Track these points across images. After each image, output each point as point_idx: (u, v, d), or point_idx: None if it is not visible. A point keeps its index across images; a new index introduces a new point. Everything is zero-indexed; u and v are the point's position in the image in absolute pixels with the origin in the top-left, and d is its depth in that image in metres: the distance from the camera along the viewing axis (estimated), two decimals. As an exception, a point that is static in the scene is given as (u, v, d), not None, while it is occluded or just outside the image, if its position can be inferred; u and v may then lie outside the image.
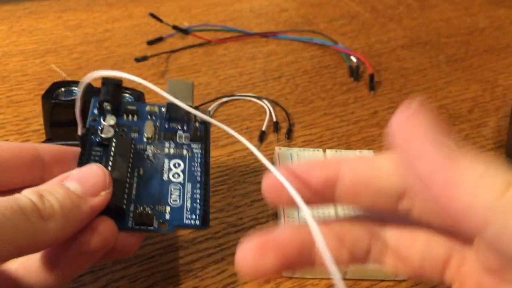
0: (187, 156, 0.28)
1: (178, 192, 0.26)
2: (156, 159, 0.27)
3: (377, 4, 0.62)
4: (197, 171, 0.27)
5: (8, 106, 0.41)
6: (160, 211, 0.25)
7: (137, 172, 0.26)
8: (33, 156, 0.25)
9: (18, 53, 0.47)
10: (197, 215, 0.26)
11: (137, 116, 0.29)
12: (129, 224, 0.25)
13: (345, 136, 0.41)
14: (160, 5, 0.58)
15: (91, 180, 0.23)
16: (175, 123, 0.29)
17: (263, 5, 0.60)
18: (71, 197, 0.22)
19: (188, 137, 0.28)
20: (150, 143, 0.28)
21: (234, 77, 0.46)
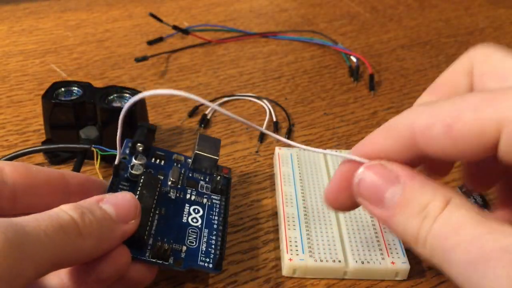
0: (206, 204, 0.30)
1: (195, 235, 0.28)
2: (178, 202, 0.29)
3: (377, 4, 0.62)
4: (214, 219, 0.29)
5: (8, 106, 0.41)
6: (176, 249, 0.27)
7: (159, 211, 0.28)
8: (61, 184, 0.25)
9: (18, 53, 0.47)
10: (211, 259, 0.27)
11: (165, 161, 0.31)
12: (147, 255, 0.26)
13: (345, 136, 0.41)
14: (160, 5, 0.58)
15: (125, 207, 0.24)
16: (199, 174, 0.32)
17: (263, 5, 0.60)
18: (107, 219, 0.23)
19: (209, 188, 0.31)
20: (174, 187, 0.30)
21: (234, 77, 0.46)
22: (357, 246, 0.30)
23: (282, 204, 0.32)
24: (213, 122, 0.41)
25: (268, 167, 0.37)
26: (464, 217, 0.19)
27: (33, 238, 0.19)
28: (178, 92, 0.21)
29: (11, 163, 0.24)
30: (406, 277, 0.30)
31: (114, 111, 0.35)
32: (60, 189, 0.25)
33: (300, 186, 0.34)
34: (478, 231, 0.18)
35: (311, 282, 0.29)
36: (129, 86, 0.37)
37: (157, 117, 0.41)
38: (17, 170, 0.24)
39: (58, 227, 0.21)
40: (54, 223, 0.21)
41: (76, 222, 0.21)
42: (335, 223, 0.31)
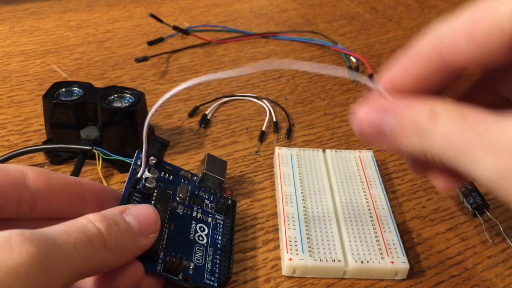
0: (211, 223, 0.30)
1: (201, 253, 0.29)
2: (185, 219, 0.30)
3: (376, 5, 0.62)
4: (218, 239, 0.30)
5: (9, 106, 0.41)
6: (185, 266, 0.27)
7: (169, 226, 0.29)
8: (78, 192, 0.26)
9: (19, 54, 0.48)
10: (215, 278, 0.28)
11: (173, 176, 0.32)
12: (158, 269, 0.26)
13: (345, 136, 0.41)
14: (161, 6, 0.58)
15: (147, 221, 0.24)
16: (204, 193, 0.32)
17: (263, 5, 0.60)
18: (130, 232, 0.23)
19: (213, 208, 0.31)
20: (182, 203, 0.30)
21: (234, 77, 0.47)
22: (357, 245, 0.30)
23: (282, 204, 0.32)
24: (213, 122, 0.41)
25: (268, 167, 0.37)
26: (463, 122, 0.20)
27: (64, 251, 0.20)
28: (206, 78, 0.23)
29: (33, 168, 0.24)
30: (405, 276, 0.30)
31: (114, 111, 0.35)
32: (77, 196, 0.25)
33: (300, 186, 0.34)
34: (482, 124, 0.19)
35: (311, 282, 0.30)
36: (130, 86, 0.37)
37: (158, 117, 0.41)
38: (39, 175, 0.24)
39: (87, 240, 0.21)
40: (82, 236, 0.21)
41: (103, 235, 0.22)
42: (335, 223, 0.31)
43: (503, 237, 0.33)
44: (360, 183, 0.35)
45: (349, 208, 0.33)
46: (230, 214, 0.32)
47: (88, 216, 0.22)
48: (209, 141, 0.39)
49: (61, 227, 0.21)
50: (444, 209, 0.35)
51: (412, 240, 0.33)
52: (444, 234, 0.33)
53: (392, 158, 0.39)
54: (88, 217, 0.22)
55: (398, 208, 0.35)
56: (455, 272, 0.31)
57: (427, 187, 0.37)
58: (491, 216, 0.34)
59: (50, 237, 0.20)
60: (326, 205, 0.33)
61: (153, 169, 0.30)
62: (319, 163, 0.36)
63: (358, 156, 0.37)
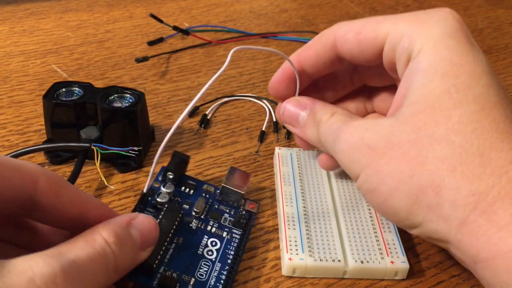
0: (225, 238, 0.30)
1: (207, 268, 0.28)
2: (197, 233, 0.30)
3: (376, 5, 0.62)
4: (230, 253, 0.29)
5: (9, 106, 0.41)
6: (184, 281, 0.27)
7: (177, 240, 0.29)
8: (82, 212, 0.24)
9: (19, 54, 0.48)
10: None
11: (194, 191, 0.32)
12: (154, 283, 0.26)
13: (345, 136, 0.41)
14: (161, 6, 0.58)
15: (148, 235, 0.25)
16: (225, 206, 0.32)
17: (263, 6, 0.60)
18: (134, 250, 0.24)
19: (232, 222, 0.31)
20: (197, 217, 0.31)
21: (234, 78, 0.47)
22: (357, 245, 0.30)
23: (282, 204, 0.32)
24: (213, 122, 0.41)
25: (268, 167, 0.37)
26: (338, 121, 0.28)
27: (83, 270, 0.20)
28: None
29: (48, 174, 0.23)
30: (405, 276, 0.30)
31: (114, 111, 0.35)
32: (79, 216, 0.24)
33: (300, 186, 0.34)
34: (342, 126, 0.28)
35: (311, 282, 0.30)
36: (130, 87, 0.37)
37: (158, 117, 0.41)
38: (51, 186, 0.23)
39: (105, 267, 0.22)
40: (102, 263, 0.21)
41: (116, 259, 0.22)
42: (335, 222, 0.32)
43: (503, 237, 0.33)
44: (360, 183, 0.35)
45: (349, 208, 0.33)
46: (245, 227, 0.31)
47: (103, 234, 0.22)
48: (209, 141, 0.39)
49: (86, 253, 0.21)
50: (444, 209, 0.35)
51: (412, 240, 0.33)
52: (444, 234, 0.33)
53: (392, 158, 0.39)
54: (104, 237, 0.22)
55: (398, 208, 0.35)
56: (455, 272, 0.31)
57: (427, 187, 0.37)
58: (491, 216, 0.34)
59: (82, 271, 0.20)
60: (326, 205, 0.33)
61: (169, 184, 0.31)
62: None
63: (358, 156, 0.37)
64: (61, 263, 0.19)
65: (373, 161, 0.26)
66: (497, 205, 0.23)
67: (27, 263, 0.19)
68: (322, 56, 0.30)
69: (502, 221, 0.22)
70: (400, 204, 0.25)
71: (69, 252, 0.20)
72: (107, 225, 0.23)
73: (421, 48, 0.26)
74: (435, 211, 0.24)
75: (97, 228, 0.23)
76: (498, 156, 0.23)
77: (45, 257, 0.19)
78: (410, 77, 0.26)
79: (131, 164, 0.36)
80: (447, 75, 0.25)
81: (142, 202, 0.30)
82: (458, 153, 0.24)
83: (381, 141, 0.26)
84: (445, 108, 0.24)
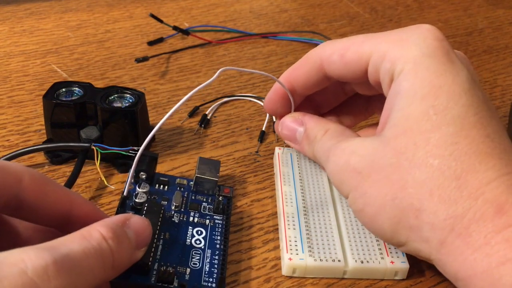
0: (209, 225, 0.31)
1: (199, 257, 0.29)
2: (181, 226, 0.30)
3: (376, 5, 0.62)
4: (217, 239, 0.30)
5: (9, 107, 0.41)
6: (181, 272, 0.28)
7: (164, 235, 0.29)
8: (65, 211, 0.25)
9: (19, 54, 0.48)
10: (213, 279, 0.28)
11: (168, 186, 0.33)
12: (152, 280, 0.27)
13: (345, 136, 0.41)
14: (161, 6, 0.58)
15: (143, 235, 0.25)
16: (201, 196, 0.32)
17: (263, 5, 0.60)
18: (130, 249, 0.24)
19: (211, 209, 0.32)
20: (177, 211, 0.31)
21: (234, 78, 0.47)
22: (357, 245, 0.30)
23: (282, 204, 0.32)
24: (213, 122, 0.41)
25: (268, 167, 0.37)
26: (330, 139, 0.30)
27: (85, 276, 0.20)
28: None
29: (31, 173, 0.23)
30: (405, 276, 0.30)
31: (114, 111, 0.35)
32: (62, 215, 0.25)
33: (300, 186, 0.34)
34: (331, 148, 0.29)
35: (311, 282, 0.30)
36: (130, 87, 0.37)
37: (158, 117, 0.41)
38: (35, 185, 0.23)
39: (102, 262, 0.21)
40: (99, 258, 0.21)
41: (113, 255, 0.22)
42: (335, 222, 0.32)
43: (502, 237, 0.33)
44: (360, 183, 0.35)
45: (349, 208, 0.33)
46: (225, 212, 0.32)
47: (100, 230, 0.22)
48: (209, 141, 0.39)
49: (81, 248, 0.21)
50: (444, 209, 0.35)
51: (412, 240, 0.33)
52: (444, 234, 0.33)
53: (392, 158, 0.39)
54: (101, 232, 0.22)
55: (398, 208, 0.35)
56: (455, 272, 0.31)
57: (427, 187, 0.37)
58: (491, 216, 0.34)
59: (77, 264, 0.20)
60: (326, 205, 0.33)
61: (143, 184, 0.31)
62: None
63: (358, 156, 0.37)
64: (54, 255, 0.19)
65: (359, 183, 0.27)
66: (472, 228, 0.23)
67: (19, 256, 0.19)
68: (311, 77, 0.31)
69: (476, 243, 0.23)
70: (385, 225, 0.26)
71: (63, 246, 0.20)
72: (104, 222, 0.23)
73: (402, 70, 0.26)
74: (416, 233, 0.25)
75: (94, 224, 0.23)
76: (474, 178, 0.24)
77: (37, 250, 0.19)
78: (393, 98, 0.27)
79: (131, 164, 0.36)
80: (426, 97, 0.25)
81: (122, 206, 0.30)
82: (436, 177, 0.24)
83: (365, 164, 0.27)
84: (424, 131, 0.25)
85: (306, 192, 0.33)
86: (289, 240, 0.30)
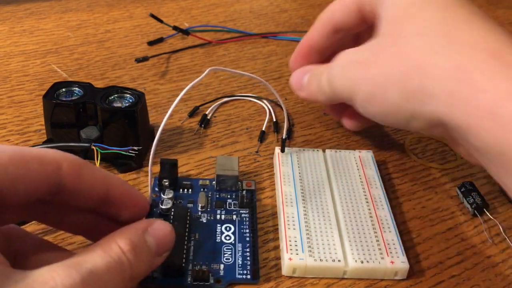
0: (236, 220, 0.32)
1: (230, 252, 0.30)
2: (209, 225, 0.31)
3: (376, 5, 0.62)
4: (246, 232, 0.31)
5: (9, 107, 0.41)
6: (215, 269, 0.29)
7: (194, 236, 0.30)
8: (103, 193, 0.25)
9: (19, 54, 0.48)
10: (248, 270, 0.29)
11: (192, 189, 0.34)
12: (188, 281, 0.28)
13: (345, 136, 0.41)
14: (161, 6, 0.58)
15: (164, 241, 0.25)
16: (225, 193, 0.34)
17: (263, 5, 0.60)
18: (149, 257, 0.24)
19: (237, 204, 0.33)
20: (204, 211, 0.32)
21: (234, 78, 0.47)
22: (357, 245, 0.30)
23: (282, 204, 0.32)
24: (213, 122, 0.41)
25: (268, 167, 0.37)
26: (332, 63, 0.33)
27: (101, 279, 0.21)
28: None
29: (69, 159, 0.23)
30: (405, 276, 0.30)
31: (114, 111, 0.35)
32: (101, 197, 0.25)
33: (300, 186, 0.34)
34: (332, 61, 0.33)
35: (311, 282, 0.30)
36: (130, 87, 0.37)
37: (158, 117, 0.41)
38: (73, 170, 0.23)
39: (122, 276, 0.22)
40: (119, 272, 0.22)
41: (132, 268, 0.23)
42: (335, 222, 0.32)
43: (503, 237, 0.33)
44: (360, 183, 0.35)
45: (349, 208, 0.33)
46: (249, 205, 0.33)
47: (119, 243, 0.23)
48: (209, 141, 0.39)
49: (104, 262, 0.21)
50: (444, 209, 0.35)
51: (412, 240, 0.33)
52: (444, 234, 0.33)
53: (392, 158, 0.39)
54: (120, 245, 0.23)
55: (398, 208, 0.35)
56: (455, 272, 0.31)
57: (427, 187, 0.37)
58: (491, 216, 0.34)
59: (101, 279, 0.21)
60: (326, 205, 0.33)
61: (167, 190, 0.32)
62: (319, 163, 0.36)
63: (358, 156, 0.37)
64: (81, 273, 0.20)
65: (364, 71, 0.29)
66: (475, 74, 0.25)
67: (49, 274, 0.20)
68: (325, 36, 0.37)
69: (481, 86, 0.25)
70: (394, 96, 0.28)
71: (87, 262, 0.21)
72: (123, 233, 0.23)
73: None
74: (424, 92, 0.27)
75: (113, 236, 0.23)
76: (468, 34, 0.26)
77: (65, 268, 0.20)
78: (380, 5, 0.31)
79: (131, 164, 0.36)
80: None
81: (150, 214, 0.30)
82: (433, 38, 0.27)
83: (367, 54, 0.30)
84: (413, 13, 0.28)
85: (306, 192, 0.33)
86: (289, 240, 0.30)
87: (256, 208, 0.33)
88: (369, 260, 0.29)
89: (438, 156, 0.40)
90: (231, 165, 0.34)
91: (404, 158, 0.39)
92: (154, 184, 0.34)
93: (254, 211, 0.32)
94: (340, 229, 0.31)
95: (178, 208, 0.31)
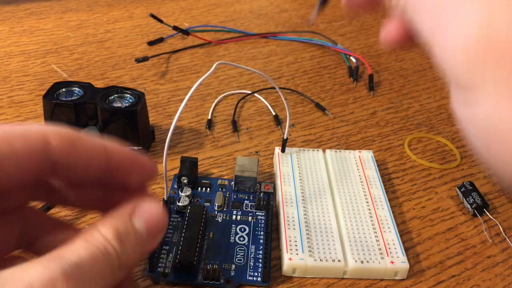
0: (252, 222, 0.32)
1: (243, 253, 0.30)
2: (225, 225, 0.32)
3: (376, 5, 0.62)
4: (260, 235, 0.31)
5: (9, 106, 0.41)
6: (226, 269, 0.29)
7: (208, 235, 0.31)
8: (102, 160, 0.23)
9: (20, 54, 0.48)
10: (259, 273, 0.29)
11: (210, 188, 0.34)
12: (199, 279, 0.28)
13: (345, 136, 0.41)
14: (161, 6, 0.58)
15: (154, 222, 0.23)
16: (243, 194, 0.34)
17: (263, 6, 0.60)
18: (139, 240, 0.23)
19: (254, 206, 0.33)
20: (220, 211, 0.33)
21: (234, 78, 0.47)
22: (357, 245, 0.30)
23: (282, 204, 0.32)
24: (213, 122, 0.41)
25: (268, 167, 0.37)
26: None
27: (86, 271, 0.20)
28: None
29: (56, 132, 0.22)
30: (405, 276, 0.30)
31: (114, 111, 0.35)
32: (100, 165, 0.23)
33: (300, 186, 0.34)
34: None
35: (311, 282, 0.30)
36: (130, 87, 0.37)
37: (158, 117, 0.41)
38: (63, 143, 0.22)
39: (109, 267, 0.21)
40: (106, 263, 0.21)
41: (119, 257, 0.21)
42: (335, 223, 0.31)
43: (503, 237, 0.33)
44: (360, 183, 0.35)
45: (349, 208, 0.33)
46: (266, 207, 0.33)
47: (102, 231, 0.22)
48: (209, 141, 0.39)
49: (89, 253, 0.20)
50: (444, 209, 0.35)
51: (412, 240, 0.33)
52: (444, 234, 0.33)
53: (392, 158, 0.39)
54: (103, 233, 0.22)
55: (398, 208, 0.35)
56: (455, 272, 0.31)
57: (427, 187, 0.37)
58: (491, 216, 0.34)
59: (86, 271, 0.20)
60: (326, 205, 0.33)
61: (185, 188, 0.33)
62: (319, 163, 0.36)
63: (358, 156, 0.37)
64: (61, 265, 0.19)
65: None
66: None
67: (25, 270, 0.19)
68: None
69: None
70: None
71: (70, 254, 0.20)
72: (106, 220, 0.22)
73: None
74: None
75: (96, 224, 0.22)
76: None
77: (43, 262, 0.19)
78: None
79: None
80: None
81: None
82: None
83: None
84: None
85: (306, 192, 0.33)
86: (289, 240, 0.30)
87: (272, 211, 0.33)
88: (369, 260, 0.29)
89: (438, 156, 0.40)
90: (250, 166, 0.34)
91: (404, 158, 0.39)
92: (173, 180, 0.34)
93: (271, 214, 0.32)
94: (340, 229, 0.31)
95: (194, 206, 0.31)
